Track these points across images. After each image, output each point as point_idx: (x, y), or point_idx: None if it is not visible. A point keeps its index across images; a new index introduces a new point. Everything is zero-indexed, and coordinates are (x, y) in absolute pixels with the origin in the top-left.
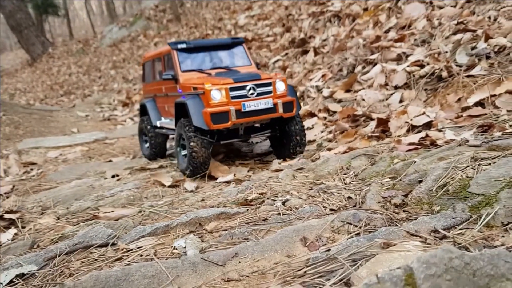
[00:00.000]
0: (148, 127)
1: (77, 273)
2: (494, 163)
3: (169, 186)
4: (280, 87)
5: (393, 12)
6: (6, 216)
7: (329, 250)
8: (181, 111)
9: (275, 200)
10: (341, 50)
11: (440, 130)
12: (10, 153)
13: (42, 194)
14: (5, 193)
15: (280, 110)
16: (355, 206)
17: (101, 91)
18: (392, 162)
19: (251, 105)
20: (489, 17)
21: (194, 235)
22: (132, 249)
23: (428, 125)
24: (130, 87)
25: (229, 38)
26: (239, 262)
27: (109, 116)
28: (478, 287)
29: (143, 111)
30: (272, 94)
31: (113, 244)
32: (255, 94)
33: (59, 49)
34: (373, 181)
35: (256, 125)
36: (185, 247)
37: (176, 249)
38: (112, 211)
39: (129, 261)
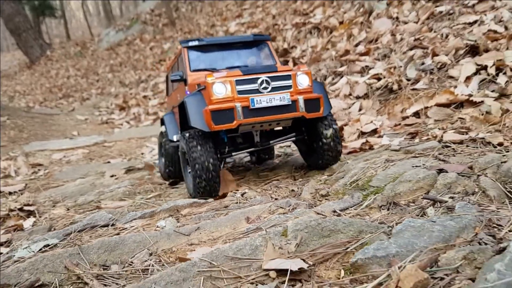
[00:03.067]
0: (166, 141)
1: (88, 242)
2: (395, 164)
3: (159, 184)
4: (303, 81)
5: (364, 26)
6: (25, 208)
7: (260, 223)
8: (185, 117)
9: (235, 193)
10: (317, 61)
11: (380, 136)
12: (18, 155)
13: (51, 191)
14: (19, 190)
15: (302, 108)
16: (294, 196)
17: (99, 95)
18: None
19: (262, 100)
20: (442, 35)
21: (172, 217)
22: (126, 228)
23: (375, 132)
24: (127, 91)
25: (251, 35)
26: (200, 233)
27: (107, 119)
28: (323, 236)
29: (162, 124)
30: (291, 89)
31: (112, 225)
32: (269, 89)
33: (57, 51)
34: (313, 178)
35: (277, 128)
36: (165, 226)
37: (158, 227)
38: (112, 203)
39: (124, 234)
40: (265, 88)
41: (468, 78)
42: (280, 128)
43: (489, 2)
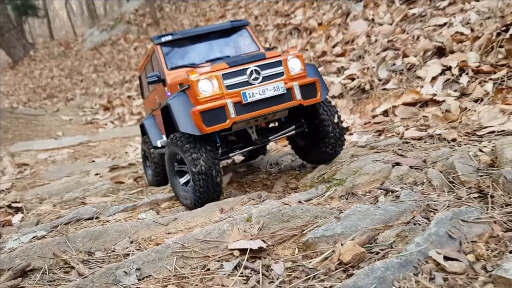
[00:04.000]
0: (150, 149)
1: (73, 232)
2: (359, 159)
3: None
4: (295, 66)
5: (341, 28)
6: (13, 205)
7: (232, 213)
8: (170, 120)
9: None
10: None
11: (351, 134)
12: (3, 155)
13: (38, 189)
14: (6, 189)
15: (298, 96)
16: (267, 190)
17: (83, 95)
18: None
19: (255, 93)
20: (413, 36)
21: (152, 210)
22: (110, 220)
23: (347, 130)
24: (111, 91)
25: (228, 22)
26: (177, 223)
27: (91, 119)
28: (282, 221)
29: (143, 131)
30: (284, 76)
31: (97, 218)
32: (260, 79)
33: (40, 51)
34: (285, 173)
35: (272, 124)
36: (145, 217)
37: (139, 218)
38: (96, 199)
39: (107, 225)
40: (255, 79)
41: (434, 78)
42: (275, 122)
43: (458, 4)
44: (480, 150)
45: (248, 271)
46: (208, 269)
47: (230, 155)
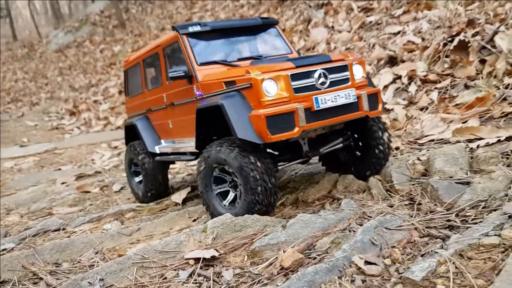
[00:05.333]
0: (142, 156)
1: (41, 244)
2: (312, 167)
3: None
4: (358, 73)
5: (303, 34)
6: None
7: (195, 221)
8: (206, 122)
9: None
10: None
11: None
12: None
13: (5, 199)
14: None
15: (365, 106)
16: None
17: (49, 99)
18: None
19: (327, 99)
20: (369, 44)
21: (117, 221)
22: (76, 231)
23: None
24: (77, 95)
25: (258, 18)
26: (140, 233)
27: (57, 125)
28: (235, 231)
29: (130, 134)
30: (349, 83)
31: (63, 229)
32: (327, 84)
33: (3, 53)
34: None
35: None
36: (110, 228)
37: (104, 229)
38: (63, 209)
39: (74, 237)
40: (323, 83)
41: (385, 87)
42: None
43: (412, 13)
44: (418, 159)
45: (201, 278)
46: (165, 278)
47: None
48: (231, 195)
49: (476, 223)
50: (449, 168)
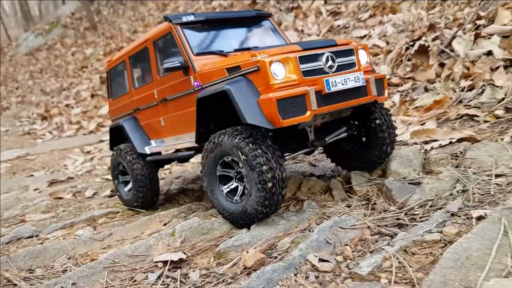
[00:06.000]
0: (131, 158)
1: (15, 252)
2: None
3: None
4: (363, 58)
5: None
6: None
7: (166, 225)
8: (208, 113)
9: None
10: None
11: None
12: None
13: None
14: None
15: (374, 91)
16: (198, 201)
17: (20, 104)
18: None
19: (337, 82)
20: None
21: (89, 226)
22: (49, 238)
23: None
24: (48, 99)
25: (253, 10)
26: (112, 238)
27: (28, 130)
28: (202, 233)
29: (116, 137)
30: (356, 67)
31: (36, 236)
32: (335, 68)
33: None
34: None
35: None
36: (83, 234)
37: (77, 235)
38: (35, 216)
39: (47, 243)
40: (330, 67)
41: None
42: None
43: (377, 17)
44: None
45: (169, 280)
46: (135, 280)
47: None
48: (240, 189)
49: (422, 221)
50: (403, 169)
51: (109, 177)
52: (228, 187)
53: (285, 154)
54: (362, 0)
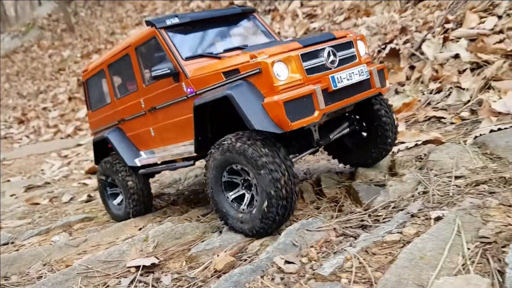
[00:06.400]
0: (122, 173)
1: None
2: None
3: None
4: (362, 49)
5: None
6: None
7: (141, 229)
8: (205, 121)
9: None
10: None
11: None
12: None
13: None
14: None
15: (377, 83)
16: (173, 205)
17: None
18: None
19: (343, 78)
20: None
21: (65, 232)
22: (25, 244)
23: None
24: (25, 103)
25: (237, 7)
26: (87, 244)
27: (5, 134)
28: (175, 238)
29: (100, 150)
30: (357, 60)
31: (12, 243)
32: (337, 63)
33: None
34: (194, 186)
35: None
36: (58, 240)
37: (53, 241)
38: (11, 222)
39: (22, 250)
40: (332, 62)
41: None
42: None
43: (352, 20)
44: None
45: (142, 284)
46: (108, 286)
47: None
48: (247, 197)
49: (384, 222)
50: (370, 171)
51: (86, 181)
52: (234, 194)
53: (290, 157)
54: (338, 0)
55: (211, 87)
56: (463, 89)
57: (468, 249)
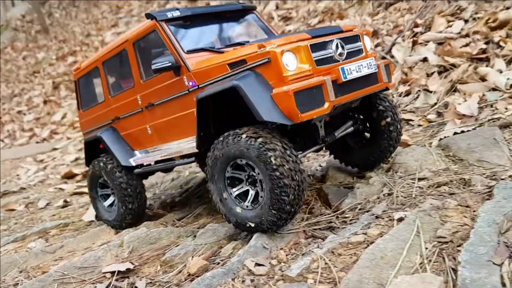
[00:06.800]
0: (116, 174)
1: None
2: None
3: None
4: (368, 44)
5: None
6: None
7: (117, 234)
8: (208, 115)
9: None
10: None
11: None
12: None
13: None
14: None
15: (384, 77)
16: (149, 209)
17: None
18: None
19: (352, 70)
20: None
21: (42, 239)
22: (0, 252)
23: None
24: None
25: (238, 3)
26: (64, 250)
27: None
28: (150, 243)
29: (93, 150)
30: (363, 54)
31: None
32: (345, 56)
33: None
34: (172, 190)
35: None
36: (35, 246)
37: (29, 248)
38: None
39: None
40: (341, 54)
41: None
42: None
43: (326, 22)
44: (320, 165)
45: None
46: None
47: None
48: (251, 194)
49: (351, 224)
50: (340, 174)
51: (62, 186)
52: (237, 190)
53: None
54: (312, 2)
55: (215, 79)
56: (431, 92)
57: (426, 248)
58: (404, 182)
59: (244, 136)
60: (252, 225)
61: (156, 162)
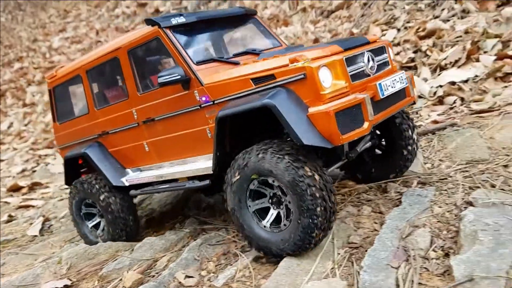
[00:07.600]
0: (104, 195)
1: None
2: None
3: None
4: (392, 56)
5: None
6: None
7: (60, 249)
8: (224, 134)
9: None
10: None
11: None
12: None
13: None
14: None
15: (412, 91)
16: None
17: None
18: None
19: (388, 85)
20: None
21: None
22: None
23: None
24: None
25: (240, 8)
26: (6, 267)
27: None
28: (88, 259)
29: (73, 168)
30: (390, 67)
31: None
32: (375, 69)
33: None
34: None
35: None
36: None
37: None
38: None
39: None
40: (372, 68)
41: None
42: None
43: (272, 29)
44: None
45: None
46: None
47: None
48: (272, 214)
49: None
50: None
51: (8, 200)
52: (257, 205)
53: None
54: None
55: (235, 95)
56: None
57: (338, 254)
58: None
59: (268, 153)
60: (284, 246)
61: (156, 183)
